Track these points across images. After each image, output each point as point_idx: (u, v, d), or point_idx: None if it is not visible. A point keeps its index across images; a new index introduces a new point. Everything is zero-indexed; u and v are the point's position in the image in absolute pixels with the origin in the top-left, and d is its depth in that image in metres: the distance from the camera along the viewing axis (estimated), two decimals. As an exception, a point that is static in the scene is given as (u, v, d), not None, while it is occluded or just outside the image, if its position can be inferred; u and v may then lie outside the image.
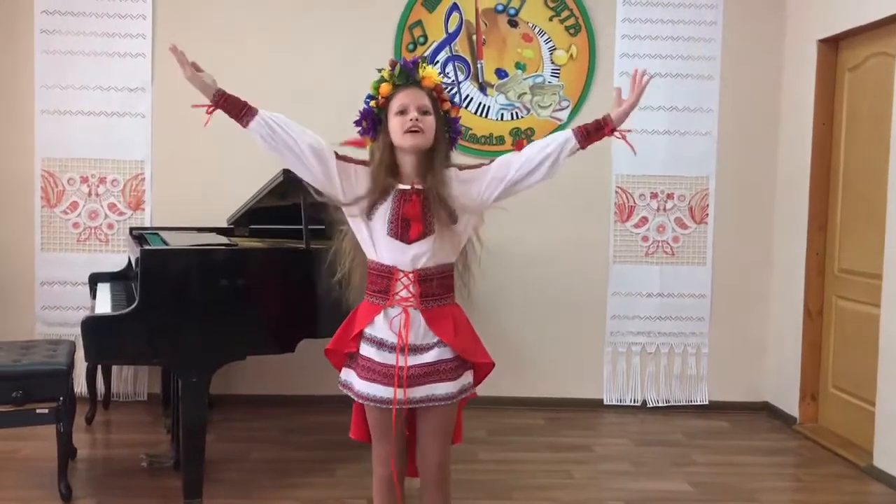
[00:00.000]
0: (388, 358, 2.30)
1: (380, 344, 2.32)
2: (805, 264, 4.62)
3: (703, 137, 4.91)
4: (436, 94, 2.34)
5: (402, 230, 2.27)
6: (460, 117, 2.44)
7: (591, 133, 2.36)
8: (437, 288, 2.31)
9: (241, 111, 2.29)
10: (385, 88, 2.31)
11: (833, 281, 4.54)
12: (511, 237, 4.54)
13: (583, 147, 2.35)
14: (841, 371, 4.45)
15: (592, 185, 4.87)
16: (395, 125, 2.28)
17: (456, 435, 2.44)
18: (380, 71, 2.36)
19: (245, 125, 2.30)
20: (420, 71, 2.32)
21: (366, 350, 2.34)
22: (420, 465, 2.40)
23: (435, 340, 2.31)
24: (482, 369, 2.41)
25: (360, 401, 2.36)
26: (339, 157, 2.32)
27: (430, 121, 2.29)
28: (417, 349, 2.30)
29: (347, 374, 2.40)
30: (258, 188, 3.81)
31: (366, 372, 2.33)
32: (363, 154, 2.39)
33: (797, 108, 4.73)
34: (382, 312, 2.31)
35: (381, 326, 2.32)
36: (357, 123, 2.37)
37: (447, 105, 2.37)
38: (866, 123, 4.27)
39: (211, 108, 2.31)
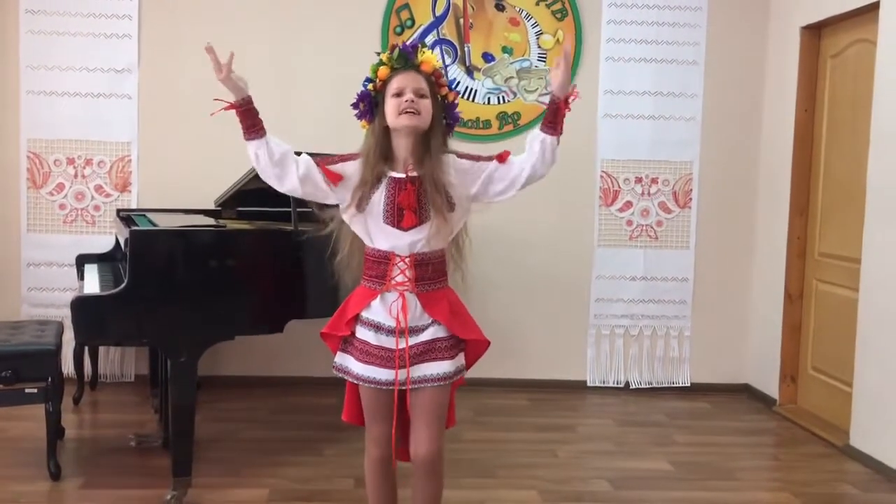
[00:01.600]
0: (385, 341, 2.33)
1: (377, 327, 2.34)
2: (786, 248, 4.69)
3: (688, 122, 4.96)
4: (434, 78, 2.34)
5: (397, 218, 2.29)
6: (458, 103, 2.46)
7: (552, 119, 2.33)
8: (432, 272, 2.34)
9: (253, 125, 2.32)
10: (383, 72, 2.32)
11: (813, 265, 4.61)
12: (496, 220, 4.55)
13: (557, 134, 2.34)
14: (820, 353, 4.54)
15: (578, 169, 4.91)
16: (391, 107, 2.29)
17: (449, 418, 2.46)
18: (379, 55, 2.37)
19: (249, 139, 2.33)
20: (419, 55, 2.33)
21: (362, 333, 2.37)
22: (413, 446, 2.41)
23: (430, 321, 2.34)
24: (477, 347, 2.43)
25: (358, 383, 2.38)
26: (324, 164, 2.33)
27: (426, 104, 2.30)
28: (413, 330, 2.33)
29: (343, 359, 2.42)
30: (246, 170, 3.81)
31: (363, 355, 2.35)
32: (347, 146, 2.41)
33: (780, 94, 4.78)
34: (379, 297, 2.34)
35: (377, 310, 2.34)
36: (354, 106, 2.38)
37: (445, 90, 2.38)
38: (848, 110, 4.33)
39: (231, 107, 2.33)
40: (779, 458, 4.03)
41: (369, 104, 2.36)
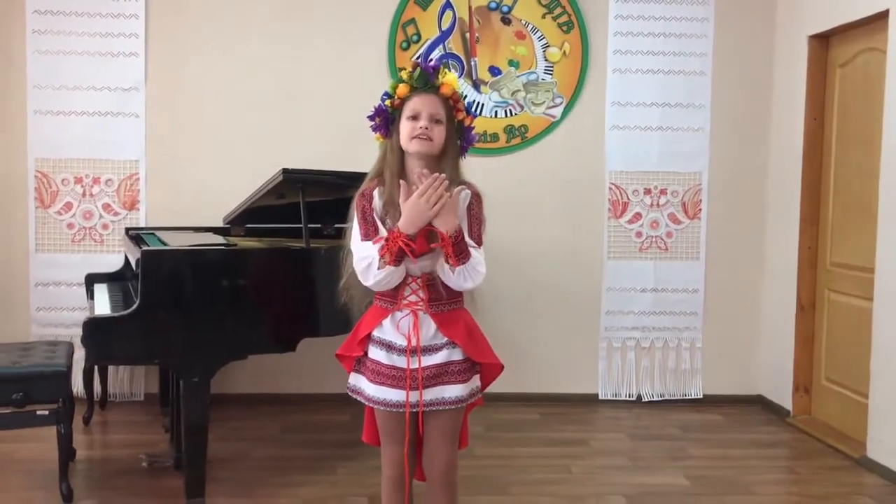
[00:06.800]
0: (397, 361, 2.32)
1: (388, 347, 2.33)
2: (797, 258, 4.67)
3: (696, 133, 4.94)
4: (452, 102, 2.33)
5: None
6: (474, 126, 2.43)
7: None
8: (445, 292, 2.32)
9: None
10: (402, 90, 2.30)
11: (825, 275, 4.58)
12: (506, 233, 4.56)
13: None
14: (833, 364, 4.50)
15: (586, 181, 4.90)
16: (405, 129, 2.28)
17: (462, 440, 2.45)
18: (400, 71, 2.36)
19: (395, 266, 2.25)
20: (440, 77, 2.31)
21: (374, 353, 2.35)
22: (427, 468, 2.41)
23: (444, 341, 2.32)
24: (491, 371, 2.43)
25: (370, 405, 2.37)
26: (374, 232, 2.27)
27: (440, 130, 2.28)
28: (426, 350, 2.31)
29: (357, 380, 2.41)
30: (254, 188, 3.80)
31: (375, 375, 2.34)
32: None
33: (788, 104, 4.77)
34: (390, 315, 2.33)
35: (388, 329, 2.33)
36: (370, 118, 2.36)
37: (462, 115, 2.35)
38: (857, 119, 4.31)
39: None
40: (795, 472, 3.99)
41: (385, 119, 2.34)
